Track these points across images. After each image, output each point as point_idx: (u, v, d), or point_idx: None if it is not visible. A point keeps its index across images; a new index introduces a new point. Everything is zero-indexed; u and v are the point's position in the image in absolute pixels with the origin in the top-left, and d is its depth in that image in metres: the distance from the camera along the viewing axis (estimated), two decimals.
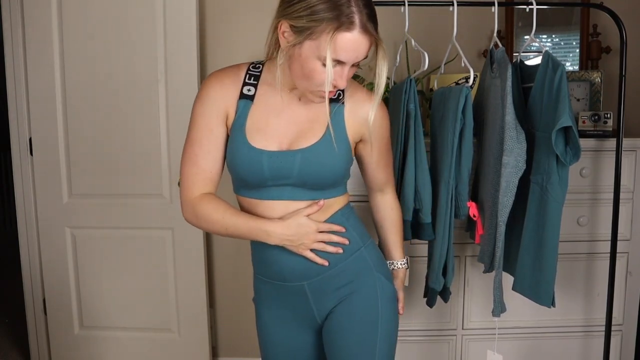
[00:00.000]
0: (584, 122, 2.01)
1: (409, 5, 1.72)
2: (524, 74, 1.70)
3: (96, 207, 2.40)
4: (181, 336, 2.46)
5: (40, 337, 2.52)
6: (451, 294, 1.83)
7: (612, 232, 1.89)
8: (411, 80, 1.70)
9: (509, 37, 2.37)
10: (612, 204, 1.89)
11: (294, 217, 1.22)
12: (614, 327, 2.01)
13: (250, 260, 1.37)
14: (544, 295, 1.60)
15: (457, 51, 1.70)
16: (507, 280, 1.72)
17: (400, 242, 1.45)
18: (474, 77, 1.76)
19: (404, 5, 1.72)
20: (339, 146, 1.21)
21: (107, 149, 2.35)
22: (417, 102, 1.70)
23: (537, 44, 1.68)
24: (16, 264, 2.59)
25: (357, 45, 1.10)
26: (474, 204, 1.72)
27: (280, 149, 1.21)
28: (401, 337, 1.39)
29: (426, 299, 1.86)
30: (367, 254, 1.32)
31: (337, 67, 1.12)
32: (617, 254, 1.93)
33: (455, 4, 1.69)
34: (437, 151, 1.74)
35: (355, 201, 1.45)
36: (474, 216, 1.71)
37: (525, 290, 1.66)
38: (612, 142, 1.94)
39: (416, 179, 1.69)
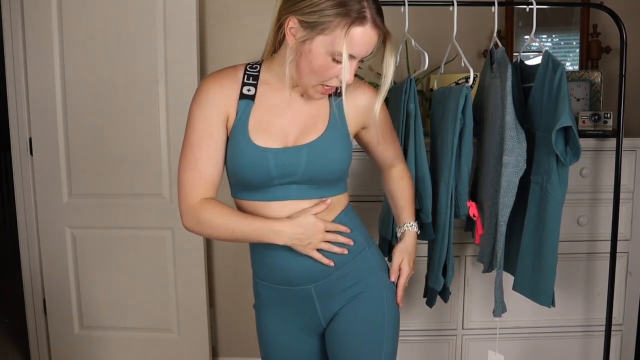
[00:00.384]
0: (584, 122, 2.01)
1: (409, 5, 1.73)
2: (524, 73, 1.70)
3: (96, 207, 2.40)
4: (181, 336, 2.46)
5: (40, 337, 2.52)
6: (451, 293, 1.83)
7: (612, 232, 1.89)
8: (411, 80, 1.70)
9: (509, 37, 2.37)
10: (612, 204, 1.89)
11: (302, 216, 1.20)
12: (614, 327, 2.01)
13: (249, 261, 1.36)
14: (543, 295, 1.60)
15: (457, 51, 1.70)
16: (507, 280, 1.71)
17: (409, 207, 1.43)
18: (474, 77, 1.76)
19: (404, 5, 1.72)
20: (342, 138, 1.23)
21: (107, 149, 2.35)
22: (417, 102, 1.69)
23: (537, 44, 1.67)
24: (16, 264, 2.59)
25: (369, 39, 1.11)
26: (473, 203, 1.71)
27: (285, 146, 1.20)
28: (401, 337, 1.38)
29: (426, 298, 1.85)
30: (371, 254, 1.32)
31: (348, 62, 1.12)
32: (617, 254, 1.93)
33: (455, 4, 1.69)
34: (437, 151, 1.74)
35: (355, 201, 1.44)
36: (474, 216, 1.71)
37: (525, 290, 1.65)
38: (612, 142, 1.94)
39: (416, 179, 1.68)
